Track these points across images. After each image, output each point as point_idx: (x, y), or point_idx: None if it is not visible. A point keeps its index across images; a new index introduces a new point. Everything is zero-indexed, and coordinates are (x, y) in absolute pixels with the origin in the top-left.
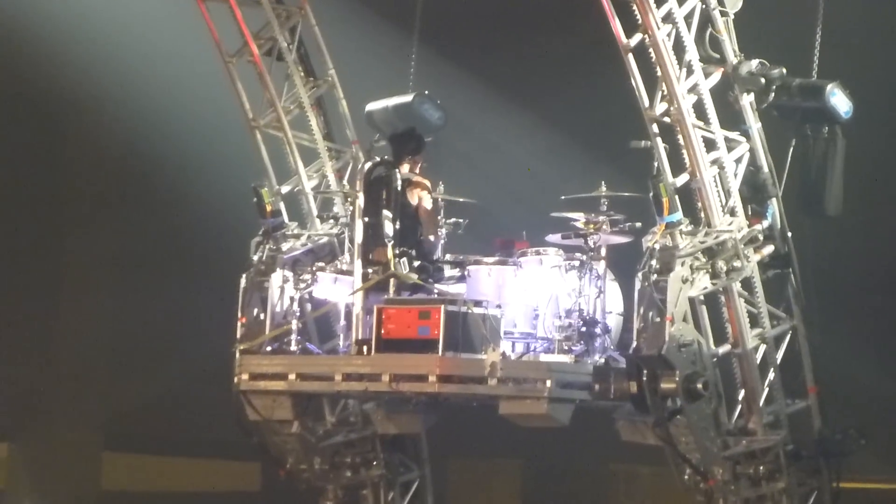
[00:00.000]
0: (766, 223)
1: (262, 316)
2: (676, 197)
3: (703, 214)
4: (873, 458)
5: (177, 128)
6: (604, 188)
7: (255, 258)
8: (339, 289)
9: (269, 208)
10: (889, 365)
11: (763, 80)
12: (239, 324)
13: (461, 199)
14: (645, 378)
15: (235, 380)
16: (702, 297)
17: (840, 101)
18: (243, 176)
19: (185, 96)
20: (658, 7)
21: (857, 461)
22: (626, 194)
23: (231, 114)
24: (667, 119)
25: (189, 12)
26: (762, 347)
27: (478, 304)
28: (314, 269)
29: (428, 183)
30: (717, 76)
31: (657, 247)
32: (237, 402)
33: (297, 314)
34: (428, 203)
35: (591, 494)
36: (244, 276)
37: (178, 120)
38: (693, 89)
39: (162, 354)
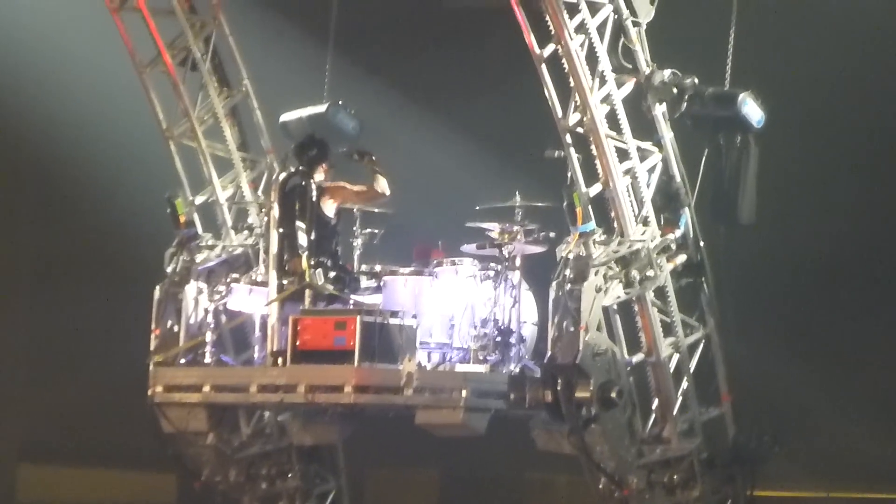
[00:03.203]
0: (679, 232)
1: (176, 327)
2: (590, 207)
3: (616, 224)
4: (788, 465)
5: (92, 137)
6: (518, 198)
7: (170, 269)
8: (254, 300)
9: (183, 219)
10: (803, 373)
11: (675, 90)
12: (153, 335)
13: (376, 210)
14: (560, 387)
15: (150, 392)
16: (615, 306)
17: (752, 110)
18: (158, 186)
19: (100, 106)
20: (571, 17)
21: (771, 469)
22: (541, 204)
23: (146, 124)
24: (580, 129)
25: (103, 22)
26: (676, 356)
27: (394, 314)
28: (229, 280)
29: (341, 183)
30: (629, 86)
31: (571, 256)
32: (152, 414)
33: (212, 325)
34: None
35: (508, 503)
36: (158, 287)
37: (93, 129)
38: (606, 99)
39: (77, 365)
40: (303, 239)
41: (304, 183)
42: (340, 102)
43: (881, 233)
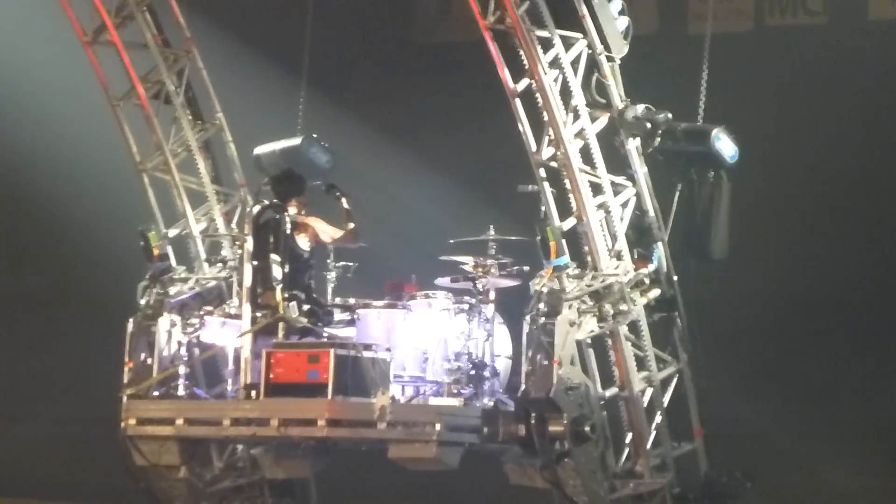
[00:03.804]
0: (652, 267)
1: (149, 360)
2: (563, 241)
3: (589, 258)
4: (759, 501)
5: (64, 170)
6: (492, 232)
7: (143, 302)
8: (227, 333)
9: (156, 252)
10: (775, 409)
11: (649, 125)
12: (126, 368)
13: (349, 246)
14: (533, 421)
15: (122, 425)
16: (589, 340)
17: (725, 145)
18: (131, 219)
19: (72, 139)
20: (545, 52)
21: None
22: (514, 238)
23: (118, 157)
24: (554, 163)
25: (76, 55)
26: (649, 390)
27: (367, 347)
28: (202, 312)
29: (316, 220)
30: (603, 121)
31: (545, 290)
32: (124, 448)
33: (185, 358)
34: (326, 230)
35: None
36: (131, 320)
37: (65, 162)
38: (580, 134)
39: (48, 398)
40: (277, 272)
41: (277, 216)
42: (314, 136)
43: (852, 271)
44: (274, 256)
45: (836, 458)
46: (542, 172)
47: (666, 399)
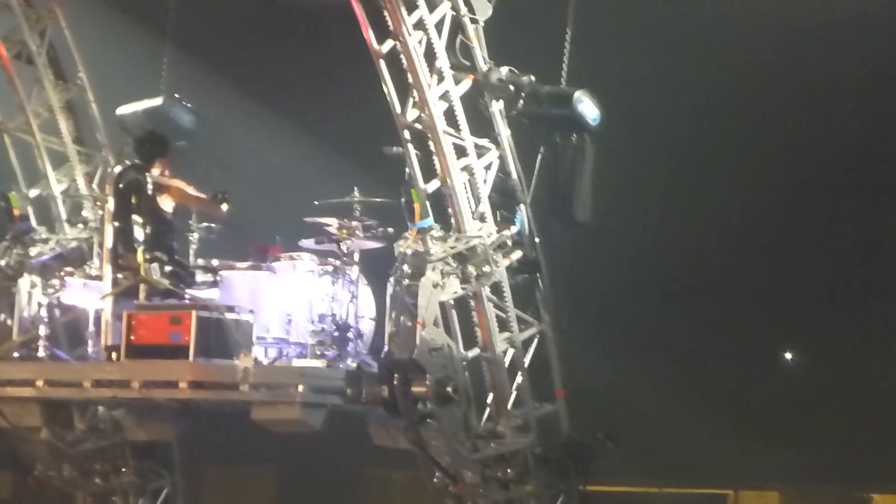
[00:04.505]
0: (515, 229)
1: (9, 321)
2: (428, 203)
3: (453, 220)
4: (620, 461)
5: None
6: (357, 194)
7: (3, 263)
8: (89, 294)
9: (17, 212)
10: (636, 369)
11: (512, 88)
12: None
13: (212, 215)
14: (396, 382)
15: None
16: (452, 302)
17: (587, 108)
18: None
19: None
20: (409, 14)
21: (605, 464)
22: (379, 200)
23: None
24: (419, 126)
25: None
26: (511, 351)
27: (230, 309)
28: (63, 274)
29: (179, 183)
30: (467, 83)
31: (409, 252)
32: None
33: (46, 320)
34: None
35: (346, 499)
36: None
37: None
38: (444, 96)
39: None
40: (138, 233)
41: (140, 177)
42: (177, 96)
43: (715, 231)
44: (136, 218)
45: (697, 418)
46: (407, 134)
47: (527, 360)
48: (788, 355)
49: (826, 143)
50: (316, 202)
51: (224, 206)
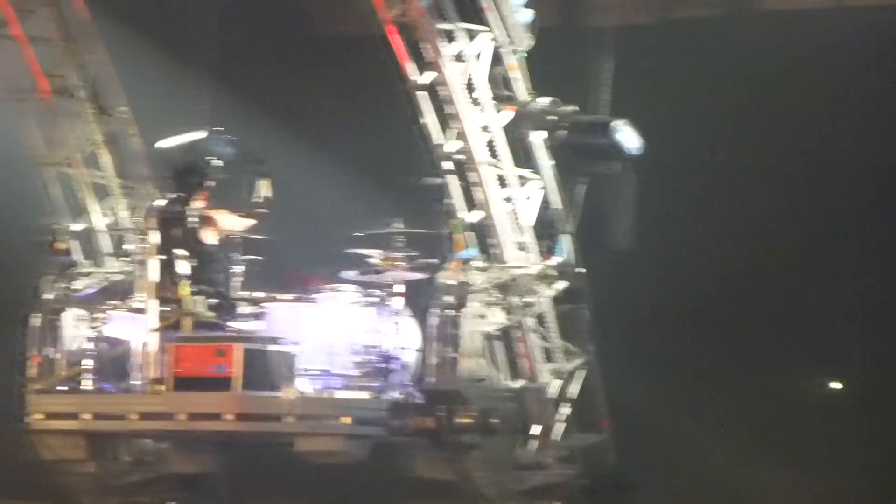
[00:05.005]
0: (558, 259)
1: (55, 355)
2: (471, 234)
3: (496, 251)
4: (664, 492)
5: None
6: (399, 225)
7: (48, 297)
8: (133, 327)
9: (61, 246)
10: (682, 400)
11: (555, 118)
12: (31, 363)
13: (256, 237)
14: (441, 413)
15: (28, 419)
16: (496, 332)
17: (628, 137)
18: (35, 214)
19: None
20: (449, 44)
21: (648, 496)
22: (422, 231)
23: (16, 151)
24: (460, 156)
25: None
26: (556, 382)
27: (274, 340)
28: (107, 307)
29: (222, 214)
30: (509, 114)
31: (451, 283)
32: (30, 443)
33: (91, 353)
34: (231, 225)
35: None
36: (36, 314)
37: None
38: (485, 127)
39: None
40: (182, 267)
41: (183, 210)
42: (219, 129)
43: (758, 263)
44: (179, 251)
45: (739, 449)
46: (448, 165)
47: (573, 391)
48: (829, 382)
49: (866, 166)
50: (358, 233)
51: (262, 212)
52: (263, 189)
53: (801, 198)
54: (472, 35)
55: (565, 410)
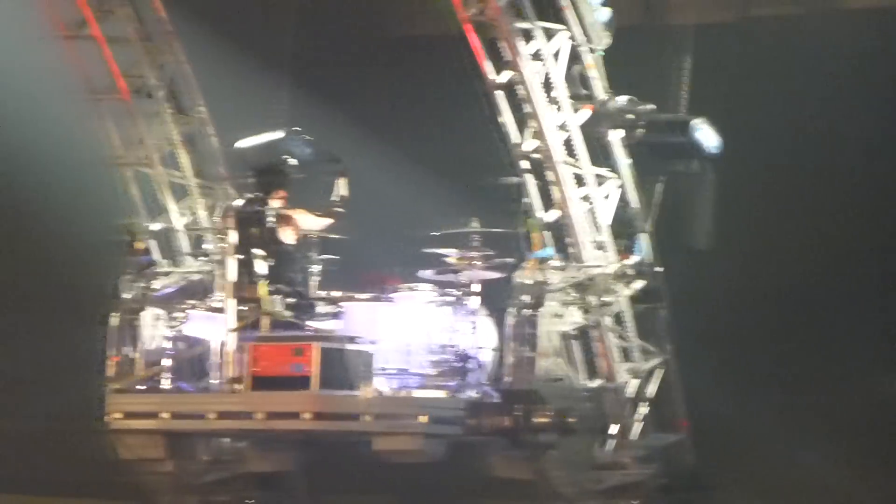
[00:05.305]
0: (636, 258)
1: (133, 354)
2: (548, 233)
3: (573, 250)
4: (742, 492)
5: (39, 165)
6: (475, 224)
7: (127, 296)
8: (212, 326)
9: (139, 246)
10: (760, 400)
11: (632, 117)
12: (110, 362)
13: (334, 236)
14: (518, 413)
15: (107, 419)
16: (573, 332)
17: (706, 136)
18: (108, 214)
19: (46, 133)
20: (527, 44)
21: (726, 495)
22: (498, 230)
23: (95, 151)
24: (537, 155)
25: (44, 49)
26: (634, 381)
27: (352, 340)
28: (186, 306)
29: (300, 213)
30: (586, 113)
31: (528, 282)
32: (109, 442)
33: (170, 352)
34: (309, 224)
35: None
36: (115, 314)
37: (40, 157)
38: (562, 126)
39: (29, 393)
40: (260, 266)
41: (261, 209)
42: (296, 129)
43: (833, 262)
44: (257, 250)
45: (818, 449)
46: (525, 164)
47: (651, 390)
48: None
49: None
50: (434, 233)
51: (340, 211)
52: (341, 188)
53: (882, 197)
54: (549, 34)
55: (643, 410)
